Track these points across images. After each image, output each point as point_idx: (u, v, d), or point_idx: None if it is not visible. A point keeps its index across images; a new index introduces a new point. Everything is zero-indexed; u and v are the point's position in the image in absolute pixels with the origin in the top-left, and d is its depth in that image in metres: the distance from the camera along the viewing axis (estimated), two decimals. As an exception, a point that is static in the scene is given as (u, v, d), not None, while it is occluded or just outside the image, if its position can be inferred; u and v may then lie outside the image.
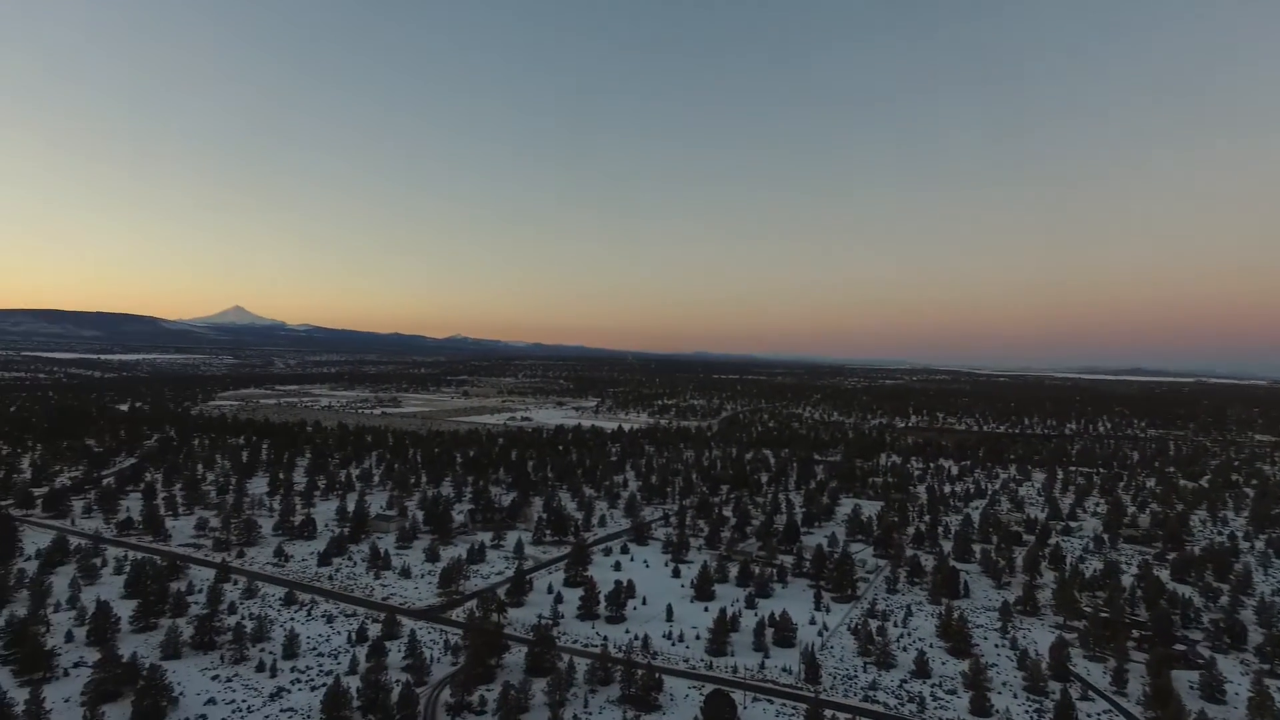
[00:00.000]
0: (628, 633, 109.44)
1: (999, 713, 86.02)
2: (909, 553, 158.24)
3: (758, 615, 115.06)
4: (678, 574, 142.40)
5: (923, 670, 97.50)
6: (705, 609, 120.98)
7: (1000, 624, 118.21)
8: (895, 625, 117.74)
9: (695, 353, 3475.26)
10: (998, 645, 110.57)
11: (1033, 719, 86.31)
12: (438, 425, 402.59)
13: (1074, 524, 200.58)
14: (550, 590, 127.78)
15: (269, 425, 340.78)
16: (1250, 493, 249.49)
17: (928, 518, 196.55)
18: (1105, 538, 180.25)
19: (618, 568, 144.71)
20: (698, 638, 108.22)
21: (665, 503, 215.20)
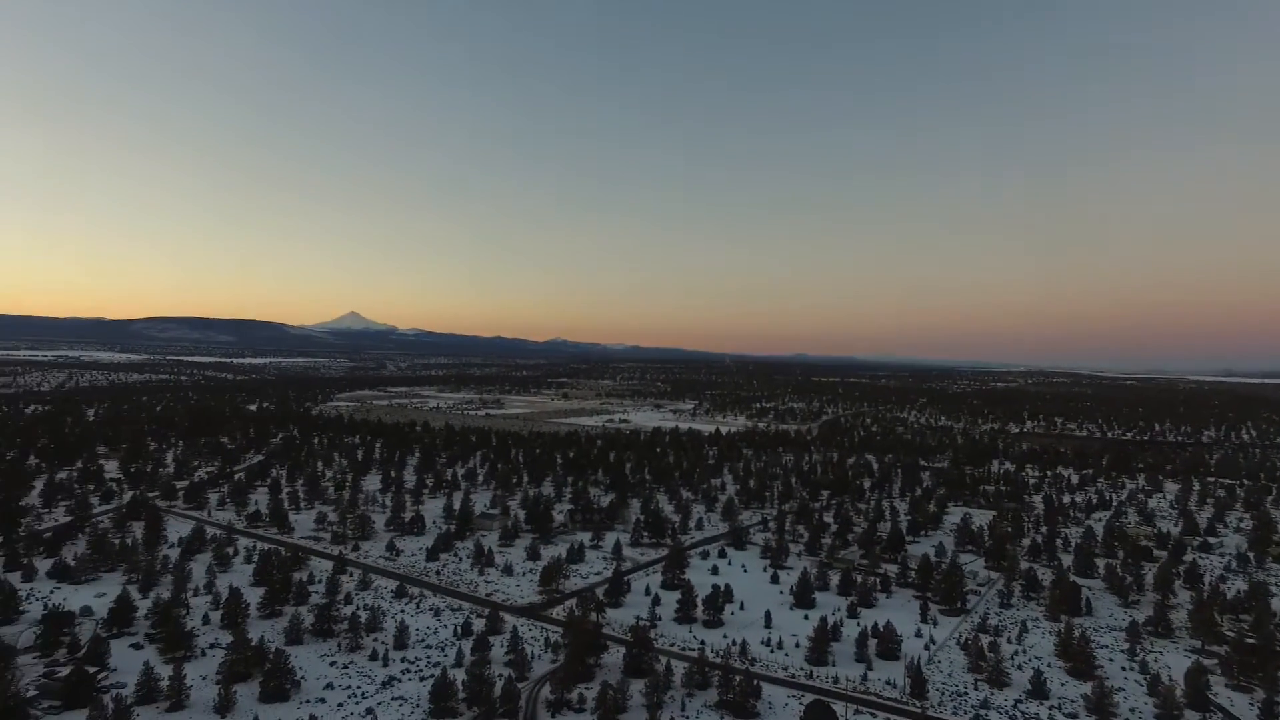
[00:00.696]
0: (725, 638, 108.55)
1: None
2: (1024, 565, 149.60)
3: (860, 625, 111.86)
4: (776, 580, 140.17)
5: (1040, 691, 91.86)
6: (805, 617, 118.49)
7: (1128, 645, 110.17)
8: (1009, 641, 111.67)
9: (794, 355, 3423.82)
10: (1125, 668, 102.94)
11: (1166, 750, 79.95)
12: (539, 427, 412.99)
13: (1213, 540, 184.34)
14: (648, 592, 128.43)
15: (382, 425, 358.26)
16: None
17: (1044, 529, 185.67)
18: (1250, 556, 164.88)
19: (715, 572, 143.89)
20: (797, 646, 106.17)
21: (763, 507, 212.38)
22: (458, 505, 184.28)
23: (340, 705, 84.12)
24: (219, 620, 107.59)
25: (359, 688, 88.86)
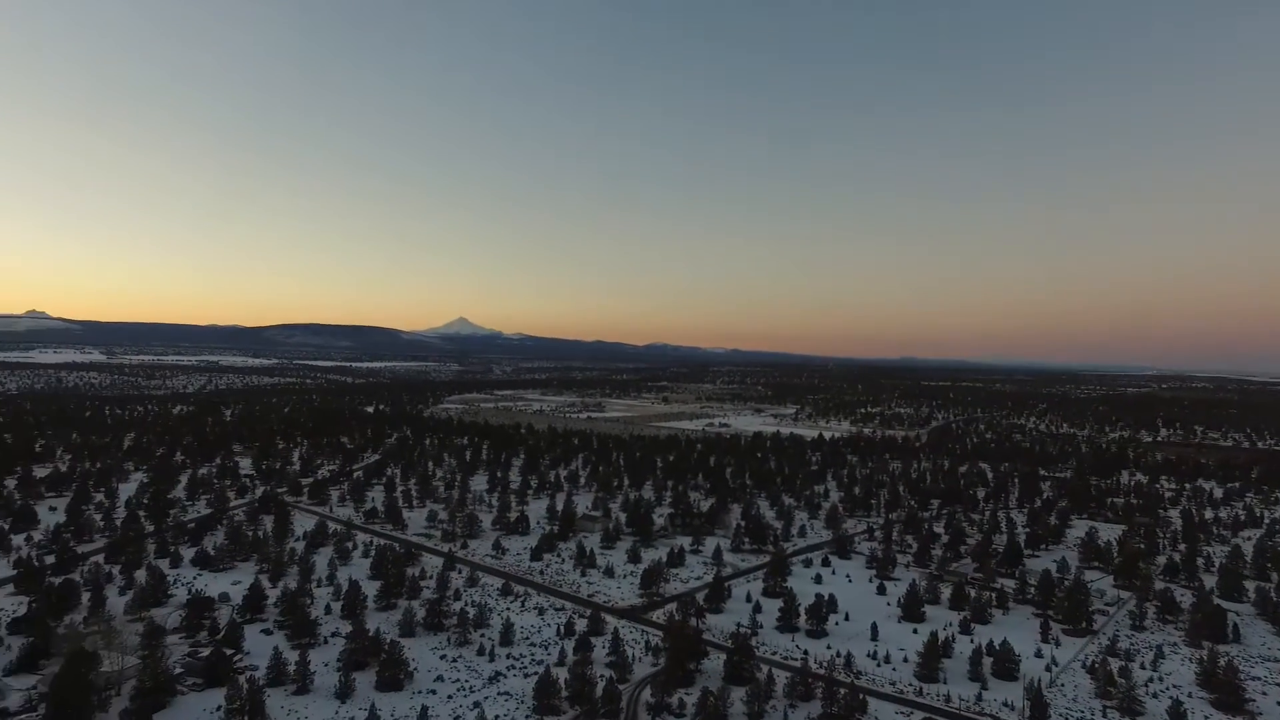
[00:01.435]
0: (829, 649, 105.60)
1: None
2: (1159, 585, 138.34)
3: (974, 642, 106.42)
4: (883, 591, 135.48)
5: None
6: (914, 631, 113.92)
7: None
8: (1142, 667, 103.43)
9: (901, 358, 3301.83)
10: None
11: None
12: (639, 430, 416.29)
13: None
14: (749, 599, 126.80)
15: (488, 427, 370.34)
16: None
17: (1183, 546, 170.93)
18: None
19: (818, 580, 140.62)
20: (905, 660, 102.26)
21: (869, 516, 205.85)
22: (560, 506, 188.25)
23: (450, 698, 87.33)
24: (339, 610, 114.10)
25: (467, 681, 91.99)
